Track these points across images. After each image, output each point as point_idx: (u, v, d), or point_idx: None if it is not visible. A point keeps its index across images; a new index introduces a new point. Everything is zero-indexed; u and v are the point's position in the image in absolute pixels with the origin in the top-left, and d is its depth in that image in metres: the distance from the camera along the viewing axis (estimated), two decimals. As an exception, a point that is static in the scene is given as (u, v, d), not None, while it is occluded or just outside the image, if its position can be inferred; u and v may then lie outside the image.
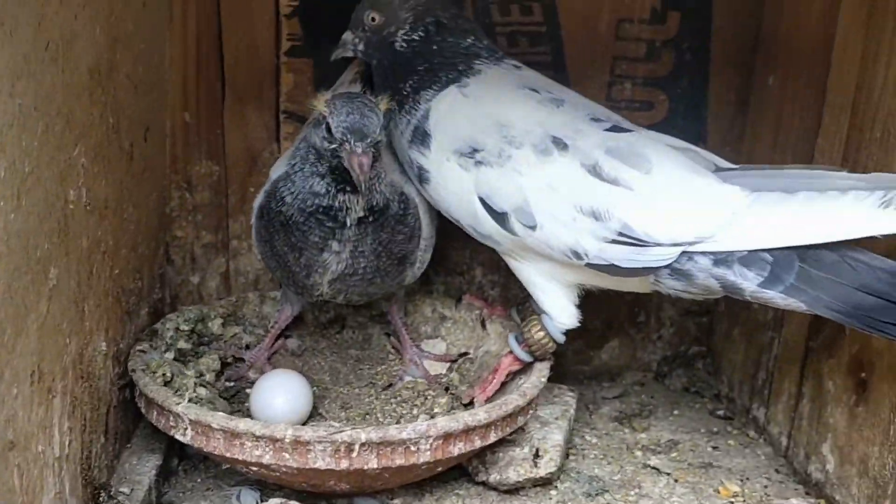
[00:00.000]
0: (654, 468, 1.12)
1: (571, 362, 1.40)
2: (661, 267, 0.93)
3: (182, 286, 1.27)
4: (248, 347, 1.15)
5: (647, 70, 1.27)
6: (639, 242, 0.92)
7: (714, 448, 1.19)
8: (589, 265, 0.96)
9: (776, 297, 0.89)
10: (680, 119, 1.28)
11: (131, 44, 0.96)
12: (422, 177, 1.04)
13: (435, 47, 1.05)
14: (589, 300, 1.36)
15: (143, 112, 1.03)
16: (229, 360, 1.13)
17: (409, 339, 1.18)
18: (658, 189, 0.93)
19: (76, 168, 0.79)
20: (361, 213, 0.97)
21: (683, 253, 0.92)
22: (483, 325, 1.18)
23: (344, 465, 0.85)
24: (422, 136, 1.03)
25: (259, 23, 1.21)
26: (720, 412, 1.30)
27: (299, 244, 0.99)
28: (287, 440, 0.84)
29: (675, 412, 1.30)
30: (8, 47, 0.63)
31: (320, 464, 0.85)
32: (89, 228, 0.84)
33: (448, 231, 1.15)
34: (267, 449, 0.85)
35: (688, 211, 0.92)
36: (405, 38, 1.06)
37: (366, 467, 0.86)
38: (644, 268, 0.93)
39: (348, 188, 0.95)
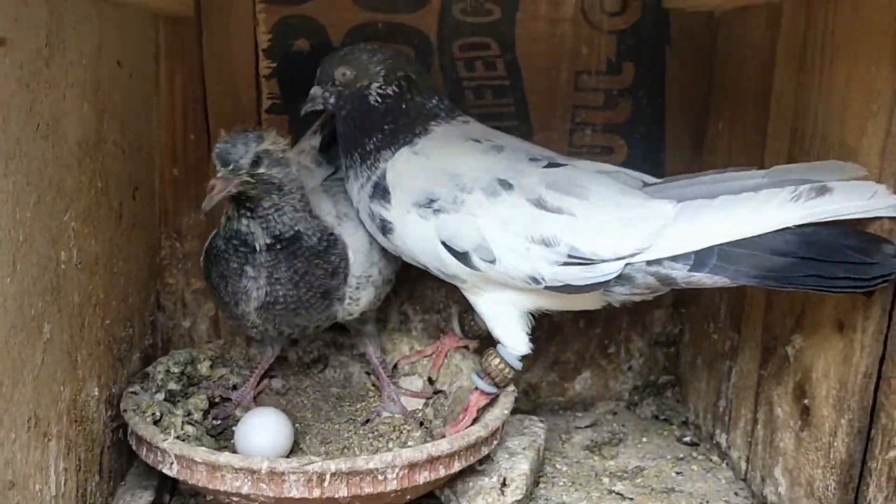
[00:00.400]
0: (618, 494, 1.19)
1: (546, 394, 1.47)
2: (610, 280, 1.01)
3: (174, 330, 1.35)
4: (235, 388, 1.22)
5: (605, 117, 1.36)
6: (587, 261, 1.01)
7: (678, 473, 1.26)
8: (547, 288, 1.04)
9: (703, 278, 0.98)
10: (639, 161, 1.36)
11: (118, 113, 1.05)
12: (385, 228, 1.12)
13: (404, 106, 1.13)
14: (560, 335, 1.45)
15: (132, 173, 1.12)
16: (217, 399, 1.20)
17: (387, 377, 1.25)
18: (597, 212, 1.02)
19: (67, 231, 0.88)
20: (268, 240, 1.04)
21: (627, 264, 1.01)
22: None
23: (316, 493, 0.92)
24: (382, 192, 1.11)
25: (242, 84, 1.30)
26: (687, 438, 1.37)
27: (224, 272, 1.07)
28: (263, 471, 0.91)
29: (644, 439, 1.36)
30: (2, 134, 0.72)
31: (294, 493, 0.92)
32: (80, 285, 0.92)
33: (424, 273, 1.23)
34: (245, 480, 0.92)
35: (626, 228, 1.01)
36: (380, 91, 1.14)
37: (337, 496, 0.93)
38: (596, 283, 1.02)
39: (248, 213, 1.03)
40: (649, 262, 1.01)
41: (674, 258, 1.00)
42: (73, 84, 0.89)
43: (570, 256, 1.03)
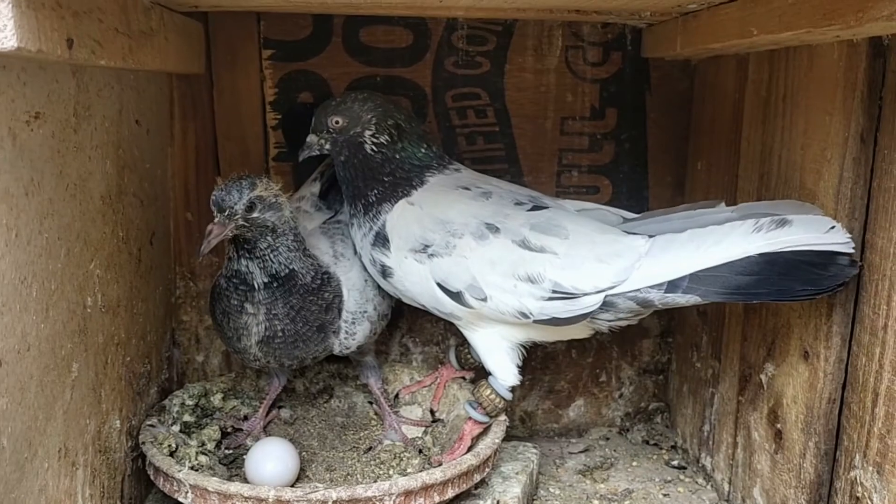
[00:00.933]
0: (607, 514, 1.26)
1: (542, 421, 1.54)
2: (592, 312, 1.09)
3: (188, 364, 1.44)
4: (245, 418, 1.31)
5: (590, 159, 1.45)
6: (570, 295, 1.09)
7: (665, 495, 1.33)
8: (535, 321, 1.12)
9: (678, 298, 1.07)
10: (624, 199, 1.45)
11: (137, 167, 1.14)
12: (385, 272, 1.21)
13: (398, 156, 1.22)
14: (554, 364, 1.52)
15: (149, 220, 1.22)
16: (229, 429, 1.29)
17: (388, 407, 1.33)
18: (576, 250, 1.11)
19: (92, 278, 0.97)
20: (265, 278, 1.12)
21: (606, 295, 1.09)
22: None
23: (320, 519, 1.00)
24: (382, 241, 1.20)
25: (250, 134, 1.40)
26: (675, 462, 1.44)
27: (226, 309, 1.15)
28: (271, 500, 0.99)
29: (635, 463, 1.43)
30: (37, 196, 0.81)
31: (300, 519, 1.00)
32: (104, 326, 1.01)
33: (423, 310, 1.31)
34: (254, 507, 1.00)
35: (603, 263, 1.09)
36: (374, 140, 1.22)
37: (339, 522, 1.01)
38: (580, 315, 1.10)
39: (247, 254, 1.12)
40: (628, 291, 1.10)
41: (650, 286, 1.09)
42: (98, 146, 0.99)
43: (554, 292, 1.12)
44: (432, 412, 1.34)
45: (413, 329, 1.49)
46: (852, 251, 0.98)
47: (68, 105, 0.89)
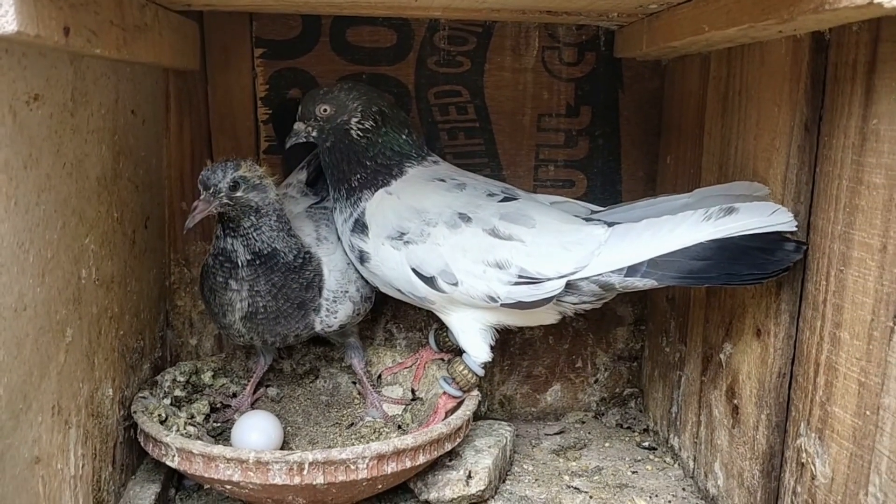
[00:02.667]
0: (575, 488, 1.32)
1: (520, 405, 1.61)
2: (555, 295, 1.16)
3: (182, 347, 1.51)
4: (234, 396, 1.38)
5: (566, 154, 1.52)
6: (534, 280, 1.16)
7: (633, 472, 1.39)
8: (503, 305, 1.19)
9: (636, 282, 1.14)
10: (598, 193, 1.52)
11: (132, 153, 1.22)
12: (363, 258, 1.28)
13: (381, 139, 1.29)
14: (532, 351, 1.59)
15: (144, 205, 1.29)
16: (218, 405, 1.36)
17: (371, 386, 1.40)
18: (541, 238, 1.18)
19: (87, 252, 1.04)
20: (248, 256, 1.19)
21: (569, 281, 1.16)
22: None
23: (297, 480, 1.06)
24: (361, 227, 1.28)
25: (242, 128, 1.48)
26: (646, 444, 1.50)
27: (213, 286, 1.22)
28: (251, 461, 1.06)
29: (607, 444, 1.49)
30: (35, 170, 0.89)
31: (277, 480, 1.06)
32: (98, 298, 1.08)
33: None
34: (236, 469, 1.07)
35: (565, 251, 1.17)
36: (359, 126, 1.29)
37: (315, 483, 1.07)
38: (543, 298, 1.17)
39: (231, 232, 1.19)
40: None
41: (610, 271, 1.15)
42: (94, 130, 1.06)
43: (520, 277, 1.19)
44: (412, 391, 1.41)
45: (397, 316, 1.56)
46: (795, 229, 1.05)
47: (66, 90, 0.97)
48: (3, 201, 0.82)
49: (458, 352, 1.35)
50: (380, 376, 1.45)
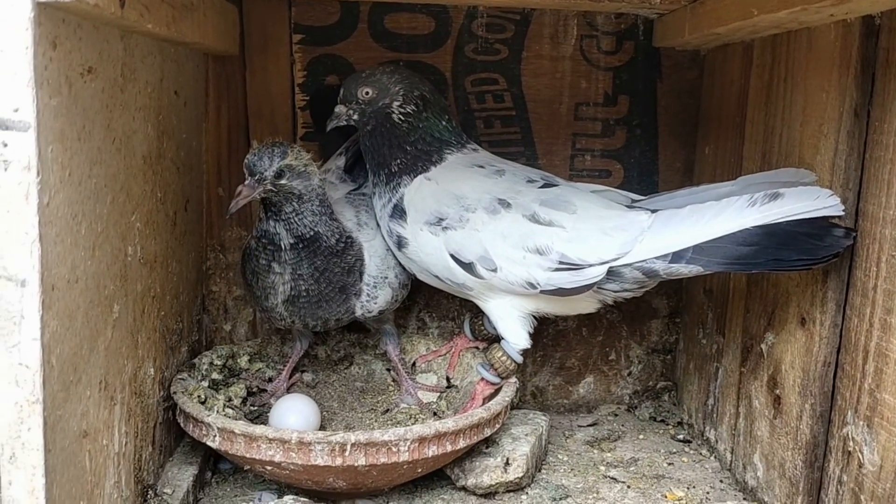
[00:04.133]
0: (612, 478, 1.31)
1: (553, 397, 1.60)
2: (596, 282, 1.15)
3: (216, 332, 1.51)
4: (270, 380, 1.38)
5: (603, 144, 1.51)
6: (575, 266, 1.16)
7: (669, 464, 1.38)
8: (542, 292, 1.18)
9: (681, 269, 1.13)
10: (634, 183, 1.51)
11: (175, 135, 1.22)
12: (401, 243, 1.27)
13: (422, 125, 1.29)
14: (565, 342, 1.58)
15: (185, 187, 1.29)
16: (254, 390, 1.36)
17: (405, 373, 1.39)
18: (582, 224, 1.18)
19: (133, 230, 1.04)
20: (291, 239, 1.19)
21: (610, 267, 1.15)
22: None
23: (338, 462, 1.06)
24: (400, 213, 1.27)
25: (279, 114, 1.48)
26: (680, 436, 1.49)
27: (255, 269, 1.22)
28: (293, 441, 1.06)
29: (641, 437, 1.48)
30: (87, 143, 0.89)
31: (319, 461, 1.06)
32: (142, 277, 1.09)
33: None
34: (278, 449, 1.06)
35: (607, 236, 1.16)
36: (401, 110, 1.28)
37: (356, 464, 1.07)
38: (584, 285, 1.16)
39: (274, 216, 1.19)
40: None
41: (655, 258, 1.14)
42: (140, 108, 1.06)
43: (560, 263, 1.18)
44: (447, 379, 1.40)
45: (430, 305, 1.55)
46: (842, 213, 1.04)
47: (116, 65, 0.97)
48: (59, 171, 0.82)
49: (493, 340, 1.35)
50: (414, 364, 1.44)
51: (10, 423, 0.79)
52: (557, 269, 1.18)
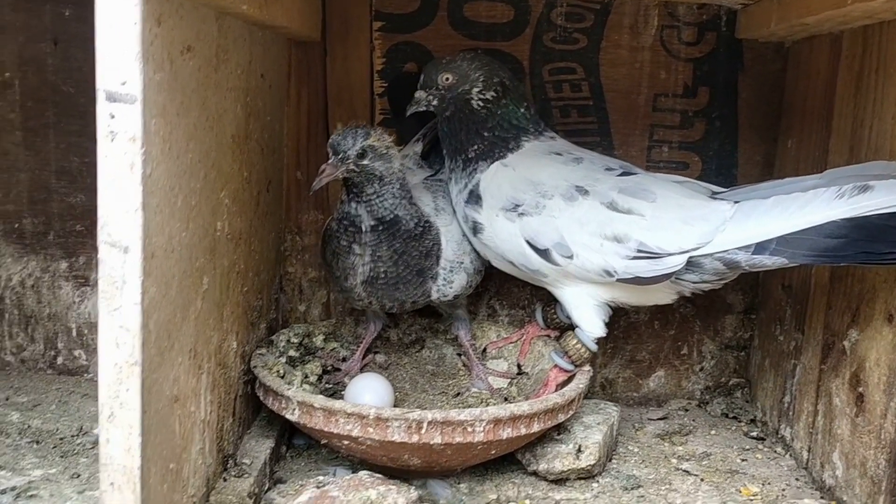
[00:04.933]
0: (684, 471, 1.30)
1: (622, 389, 1.59)
2: (675, 272, 1.14)
3: (291, 313, 1.54)
4: (344, 360, 1.40)
5: (681, 136, 1.50)
6: (654, 255, 1.15)
7: (743, 460, 1.36)
8: (619, 280, 1.18)
9: (765, 260, 1.11)
10: (712, 176, 1.49)
11: (260, 116, 1.25)
12: (476, 229, 1.28)
13: (500, 111, 1.30)
14: (636, 335, 1.57)
15: (267, 169, 1.32)
16: (328, 368, 1.38)
17: (476, 358, 1.40)
18: (663, 213, 1.17)
19: (222, 206, 1.07)
20: (372, 222, 1.21)
21: (690, 257, 1.14)
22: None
23: (415, 439, 1.08)
24: (476, 199, 1.28)
25: (358, 100, 1.50)
26: (754, 433, 1.46)
27: (336, 250, 1.24)
28: (371, 417, 1.08)
29: (713, 432, 1.46)
30: (185, 119, 0.92)
31: (396, 437, 1.08)
32: (229, 252, 1.12)
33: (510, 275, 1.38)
34: (356, 424, 1.08)
35: (688, 225, 1.15)
36: (481, 97, 1.30)
37: (432, 442, 1.08)
38: (663, 274, 1.16)
39: (356, 198, 1.21)
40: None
41: (737, 248, 1.13)
42: (231, 88, 1.09)
43: (639, 251, 1.17)
44: (518, 366, 1.41)
45: (501, 292, 1.56)
46: (937, 207, 1.01)
47: (211, 46, 1.00)
48: (160, 144, 0.85)
49: (565, 329, 1.35)
50: (484, 350, 1.45)
51: (110, 383, 0.82)
52: (636, 258, 1.17)
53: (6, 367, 1.54)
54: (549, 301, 1.39)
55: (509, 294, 1.56)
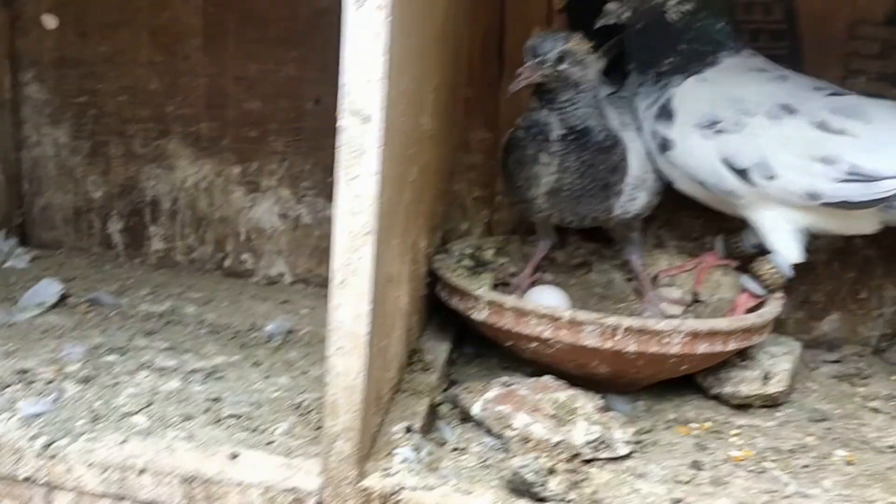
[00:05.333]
0: (874, 409, 1.24)
1: (793, 331, 1.51)
2: (889, 197, 1.09)
3: (453, 232, 1.54)
4: (513, 275, 1.39)
5: (879, 66, 1.40)
6: (868, 178, 1.09)
7: (934, 408, 1.29)
8: (824, 204, 1.12)
9: None
10: (911, 110, 1.40)
11: (451, 23, 1.23)
12: (665, 146, 1.24)
13: (698, 24, 1.25)
14: (812, 275, 1.50)
15: (454, 76, 1.31)
16: (498, 283, 1.38)
17: (649, 283, 1.37)
18: (880, 134, 1.11)
19: (427, 101, 1.07)
20: (562, 130, 1.18)
21: None
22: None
23: (608, 345, 1.06)
24: (667, 114, 1.24)
25: (535, 18, 1.46)
26: (939, 386, 1.38)
27: (521, 159, 1.22)
28: (565, 319, 1.06)
29: (893, 378, 1.39)
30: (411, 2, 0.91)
31: (589, 342, 1.06)
32: (428, 150, 1.11)
33: (681, 202, 1.34)
34: (548, 326, 1.07)
35: None
36: (677, 8, 1.25)
37: (625, 350, 1.06)
38: (875, 199, 1.10)
39: (548, 105, 1.18)
40: None
41: None
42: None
43: (849, 174, 1.11)
44: (694, 294, 1.36)
45: (670, 222, 1.51)
46: None
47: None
48: (398, 19, 0.84)
49: (748, 259, 1.30)
50: (655, 277, 1.42)
51: (344, 250, 0.83)
52: (846, 181, 1.12)
53: (176, 265, 1.60)
54: (733, 232, 1.34)
55: (679, 224, 1.51)
